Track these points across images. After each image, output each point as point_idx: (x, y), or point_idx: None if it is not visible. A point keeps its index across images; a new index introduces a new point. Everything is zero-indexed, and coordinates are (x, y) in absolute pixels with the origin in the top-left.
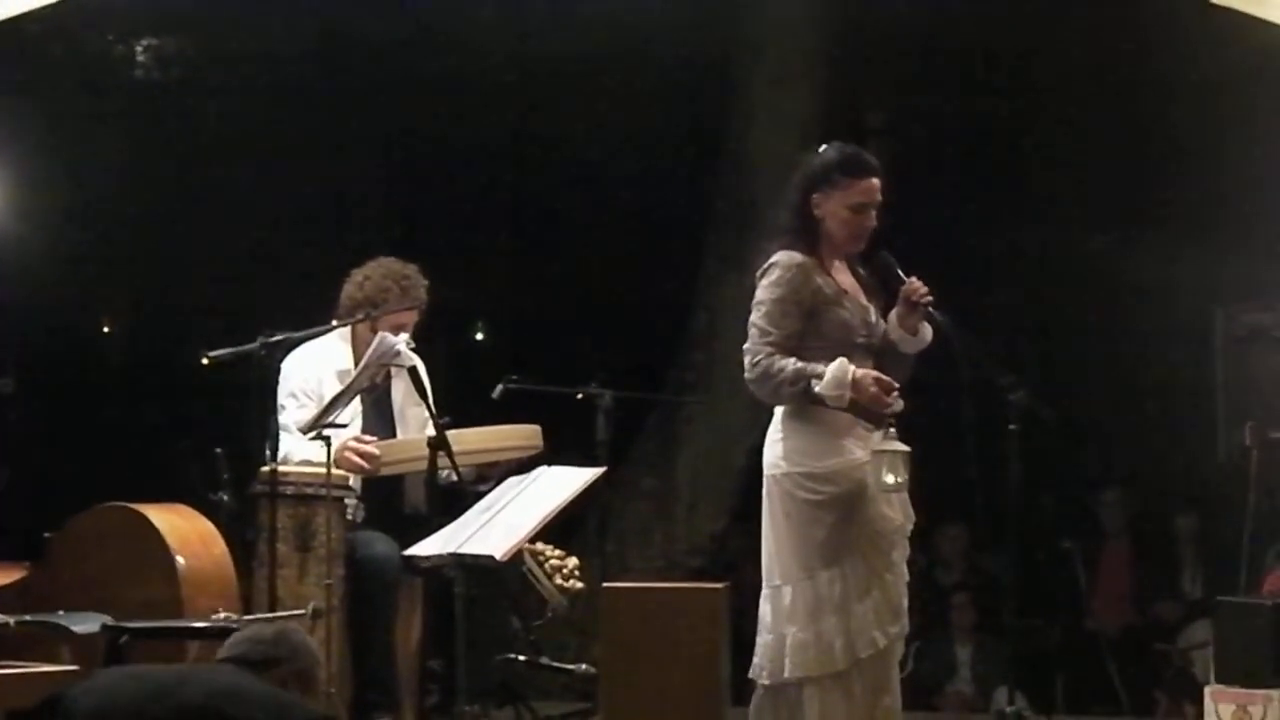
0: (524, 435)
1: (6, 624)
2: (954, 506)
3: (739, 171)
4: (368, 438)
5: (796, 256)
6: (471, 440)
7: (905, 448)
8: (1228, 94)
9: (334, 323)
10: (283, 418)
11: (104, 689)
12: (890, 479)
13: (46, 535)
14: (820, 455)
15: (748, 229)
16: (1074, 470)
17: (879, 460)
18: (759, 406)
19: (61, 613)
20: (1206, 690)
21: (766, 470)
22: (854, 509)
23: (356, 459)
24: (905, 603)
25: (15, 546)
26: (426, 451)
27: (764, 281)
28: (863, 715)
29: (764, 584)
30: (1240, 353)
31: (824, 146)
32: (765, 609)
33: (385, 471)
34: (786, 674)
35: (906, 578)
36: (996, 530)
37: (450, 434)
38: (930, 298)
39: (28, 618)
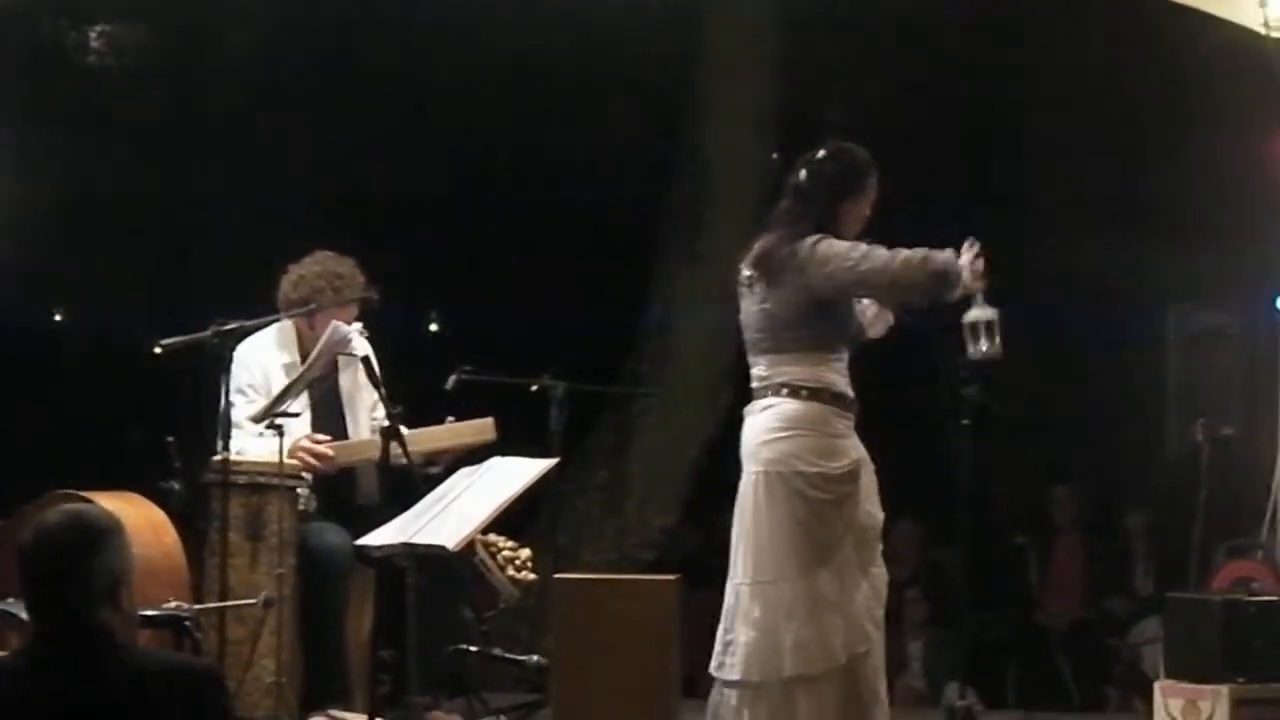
0: (477, 430)
1: None
2: (907, 501)
3: (694, 164)
4: (321, 437)
5: None
6: (424, 440)
7: (995, 313)
8: (1190, 92)
9: (286, 312)
10: (234, 414)
11: None
12: (984, 346)
13: None
14: (834, 456)
15: (703, 222)
16: (1026, 466)
17: (971, 330)
18: (713, 401)
19: (9, 600)
20: (1156, 685)
21: (766, 467)
22: (853, 508)
23: (310, 459)
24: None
25: None
26: (378, 451)
27: (822, 243)
28: (856, 710)
29: (744, 579)
30: (1193, 351)
31: (836, 147)
32: (751, 606)
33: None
34: (787, 672)
35: (886, 573)
36: (948, 525)
37: (404, 433)
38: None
39: None
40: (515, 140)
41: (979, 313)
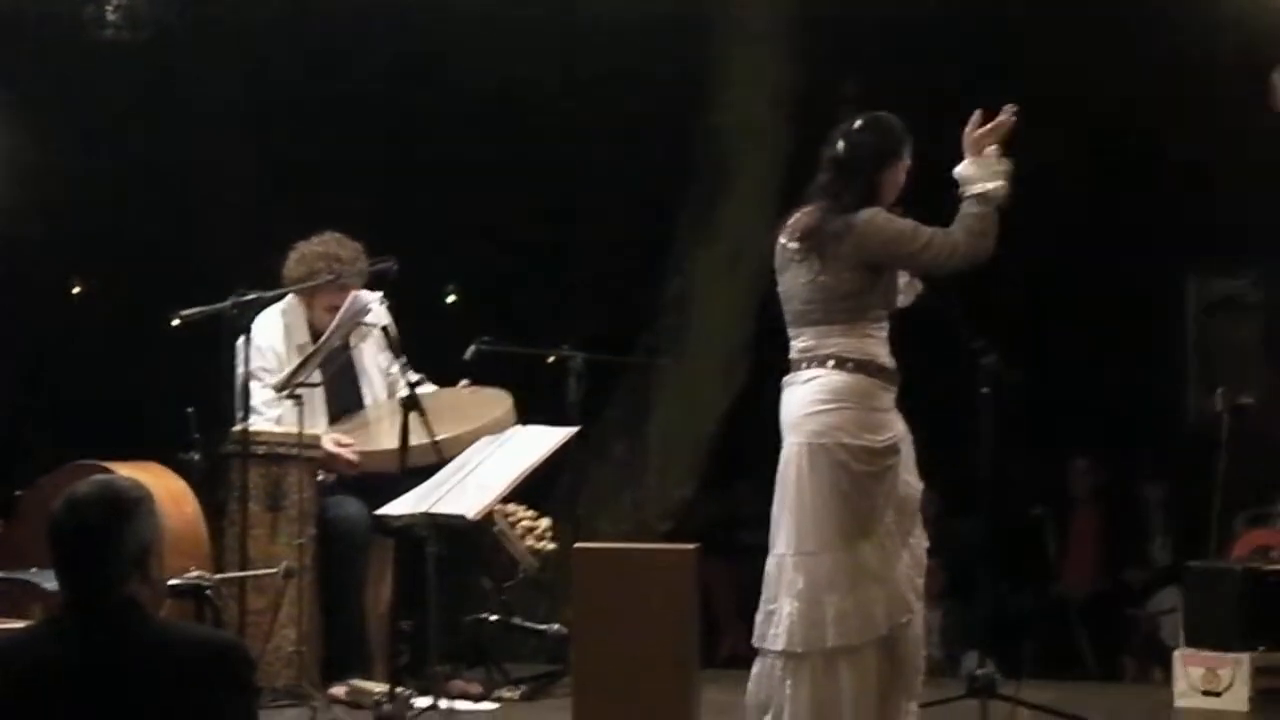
0: (495, 400)
1: None
2: (925, 472)
3: (713, 136)
4: (346, 440)
5: None
6: (445, 400)
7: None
8: (1210, 60)
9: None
10: (252, 400)
11: None
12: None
13: (17, 493)
14: (877, 429)
15: (721, 193)
16: (1044, 436)
17: None
18: (731, 372)
19: (33, 570)
20: (1176, 654)
21: (809, 439)
22: (894, 480)
23: (333, 456)
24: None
25: None
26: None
27: (879, 219)
28: (897, 679)
29: (787, 550)
30: (1211, 320)
31: (871, 117)
32: (794, 577)
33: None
34: (830, 642)
35: (927, 543)
36: (967, 496)
37: (423, 392)
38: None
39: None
40: (535, 111)
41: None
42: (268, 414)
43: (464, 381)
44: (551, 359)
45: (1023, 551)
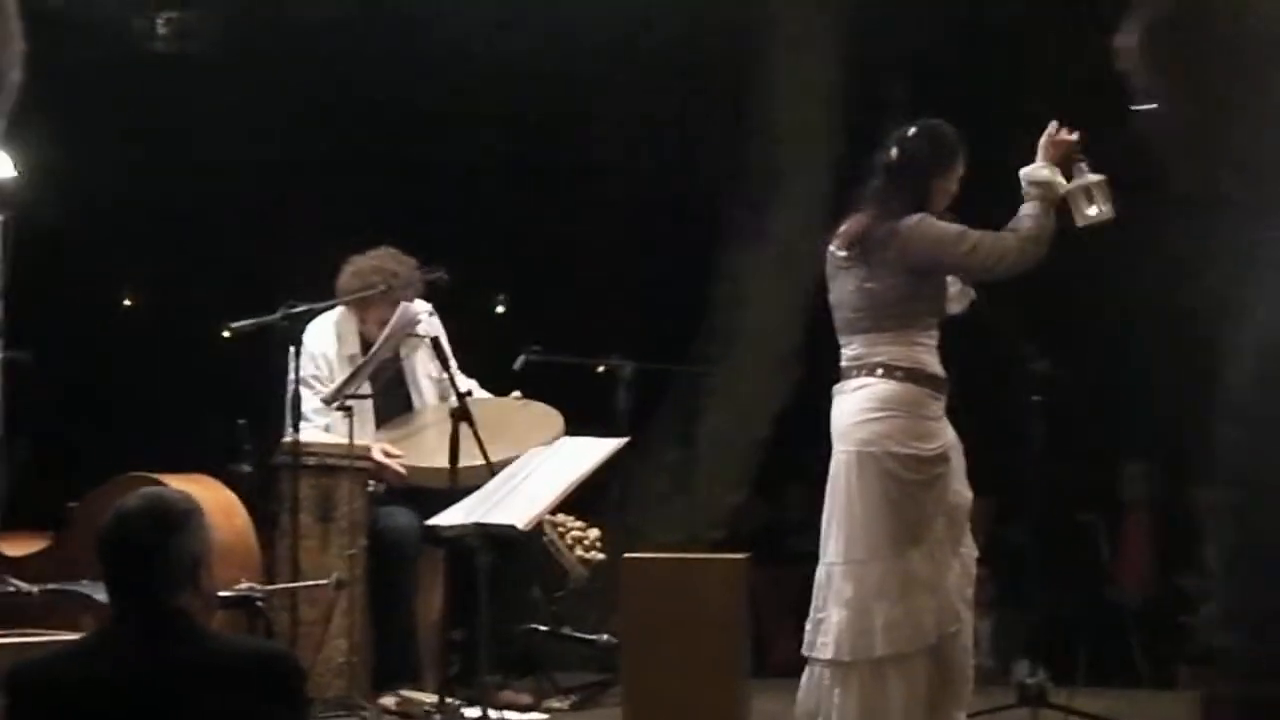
0: (546, 422)
1: (30, 592)
2: (975, 478)
3: (761, 141)
4: (395, 451)
5: None
6: (495, 413)
7: (1102, 177)
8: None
9: (347, 297)
10: (302, 407)
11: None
12: (1094, 210)
13: (69, 505)
14: (926, 438)
15: (770, 200)
16: (1095, 442)
17: (1077, 196)
18: (781, 379)
19: (84, 581)
20: None
21: (858, 447)
22: (944, 488)
23: (381, 464)
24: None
25: (38, 516)
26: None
27: (924, 223)
28: (946, 688)
29: (836, 559)
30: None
31: (926, 124)
32: (843, 585)
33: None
34: (879, 651)
35: (976, 553)
36: (1017, 502)
37: (475, 398)
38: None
39: (51, 586)
40: (582, 118)
41: (1081, 179)
42: (317, 421)
43: (515, 393)
44: (601, 368)
45: (1074, 558)
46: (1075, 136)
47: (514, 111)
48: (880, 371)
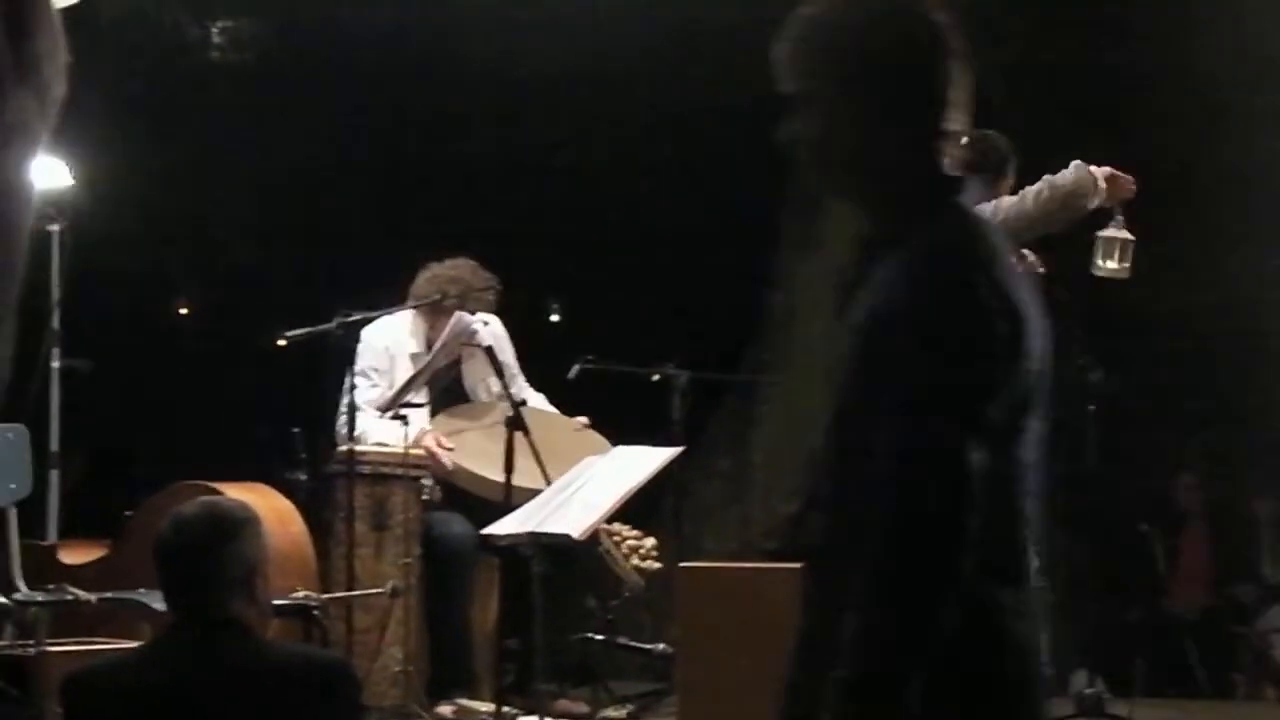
0: (594, 446)
1: (88, 601)
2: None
3: None
4: (447, 444)
5: None
6: (550, 433)
7: (1132, 237)
8: None
9: (409, 303)
10: (356, 396)
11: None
12: (1114, 265)
13: (126, 514)
14: None
15: (825, 209)
16: (1151, 452)
17: (1105, 246)
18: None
19: (141, 590)
20: None
21: None
22: None
23: (430, 452)
24: None
25: (95, 525)
26: (497, 491)
27: None
28: None
29: None
30: None
31: (978, 134)
32: None
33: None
34: None
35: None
36: (1074, 513)
37: (536, 408)
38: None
39: (108, 595)
40: (637, 128)
41: (1114, 232)
42: (371, 412)
43: (582, 419)
44: (655, 377)
45: (1131, 569)
46: (1133, 186)
47: (567, 119)
48: None
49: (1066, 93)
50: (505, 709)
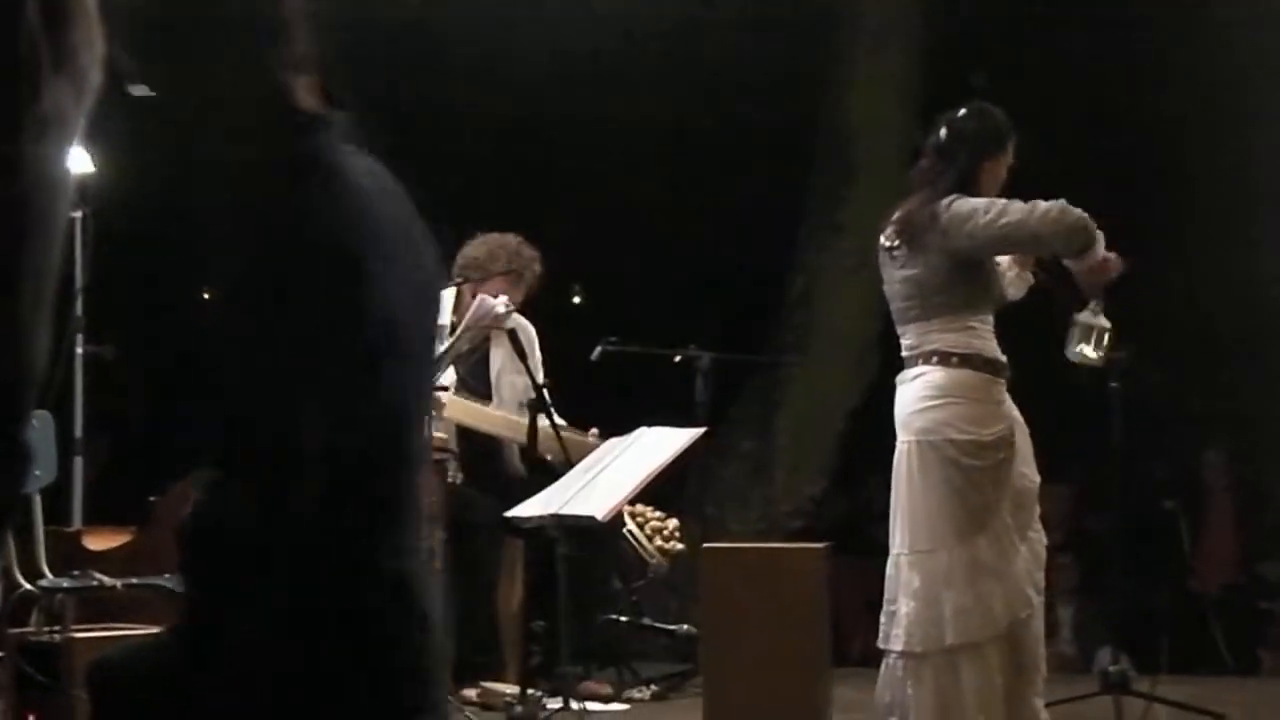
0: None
1: (114, 586)
2: (1057, 467)
3: (837, 134)
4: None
5: None
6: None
7: (1109, 325)
8: None
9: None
10: None
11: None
12: (1090, 352)
13: (151, 499)
14: (985, 422)
15: (845, 191)
16: (1177, 429)
17: (1082, 332)
18: (859, 369)
19: (167, 575)
20: None
21: (918, 436)
22: (1008, 473)
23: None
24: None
25: (121, 510)
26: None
27: (958, 201)
28: (1019, 676)
29: (903, 549)
30: None
31: (977, 106)
32: (910, 576)
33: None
34: (949, 640)
35: (1045, 537)
36: (1100, 491)
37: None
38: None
39: (135, 580)
40: (659, 112)
41: (1094, 319)
42: None
43: (593, 431)
44: (678, 358)
45: (1156, 546)
46: (1123, 270)
47: (590, 107)
48: (935, 359)
49: (1067, 91)
50: (530, 691)
